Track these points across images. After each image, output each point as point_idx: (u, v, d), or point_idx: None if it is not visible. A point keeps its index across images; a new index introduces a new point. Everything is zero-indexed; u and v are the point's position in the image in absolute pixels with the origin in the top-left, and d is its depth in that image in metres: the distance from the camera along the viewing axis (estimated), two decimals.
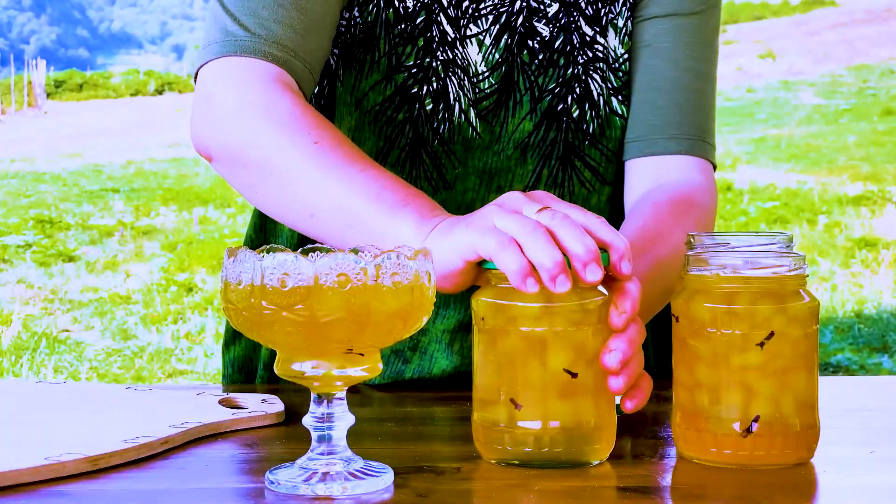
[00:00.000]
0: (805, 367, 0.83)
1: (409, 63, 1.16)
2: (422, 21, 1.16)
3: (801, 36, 22.04)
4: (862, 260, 7.01)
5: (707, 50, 1.24)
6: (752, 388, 0.82)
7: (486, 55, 1.18)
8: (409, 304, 0.77)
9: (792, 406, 0.83)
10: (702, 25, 1.24)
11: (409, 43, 1.16)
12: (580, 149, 1.21)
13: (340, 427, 0.80)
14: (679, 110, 1.21)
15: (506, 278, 0.82)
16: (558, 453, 0.82)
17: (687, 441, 0.85)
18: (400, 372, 1.22)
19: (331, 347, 0.77)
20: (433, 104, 1.16)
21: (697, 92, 1.23)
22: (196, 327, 5.88)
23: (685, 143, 1.21)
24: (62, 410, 1.00)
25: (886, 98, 14.72)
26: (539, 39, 1.19)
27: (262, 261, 0.75)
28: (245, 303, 0.76)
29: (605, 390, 0.84)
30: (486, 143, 1.18)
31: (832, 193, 9.28)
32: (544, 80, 1.19)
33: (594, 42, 1.21)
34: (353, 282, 0.74)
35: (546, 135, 1.20)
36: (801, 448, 0.84)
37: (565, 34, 1.20)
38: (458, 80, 1.17)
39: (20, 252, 7.95)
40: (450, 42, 1.17)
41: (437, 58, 1.16)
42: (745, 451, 0.83)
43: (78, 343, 5.63)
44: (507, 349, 0.83)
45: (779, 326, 0.82)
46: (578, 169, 1.22)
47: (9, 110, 23.26)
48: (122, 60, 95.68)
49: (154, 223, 9.34)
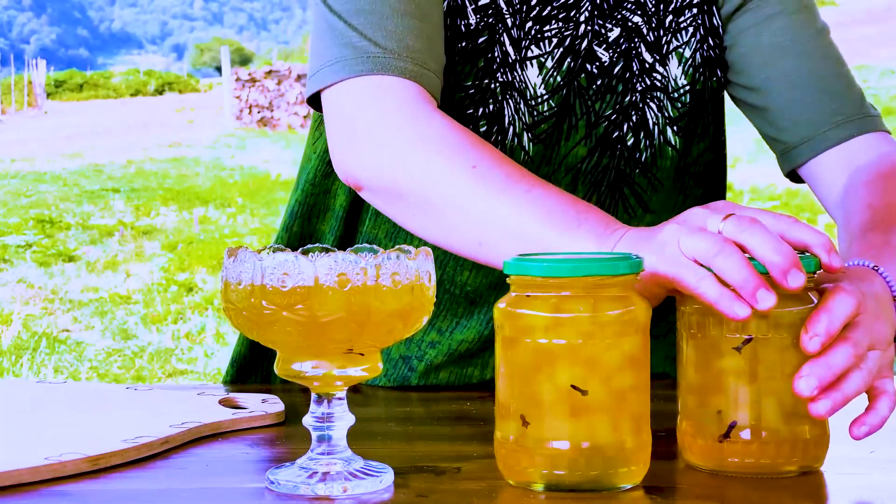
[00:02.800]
0: (795, 374, 0.78)
1: (468, 83, 1.12)
2: (484, 41, 1.12)
3: None
4: None
5: (827, 37, 1.22)
6: (731, 394, 0.80)
7: (547, 78, 1.14)
8: (409, 303, 0.77)
9: (776, 414, 0.80)
10: (812, 18, 1.22)
11: (469, 62, 1.12)
12: (630, 177, 1.18)
13: (340, 427, 0.80)
14: (834, 97, 1.19)
15: (525, 283, 0.78)
16: (574, 476, 0.77)
17: (683, 446, 0.85)
18: (406, 378, 1.21)
19: (331, 347, 0.77)
20: (487, 126, 1.13)
21: (840, 76, 1.21)
22: (196, 327, 5.87)
23: (854, 125, 1.18)
24: (62, 410, 1.00)
25: (886, 98, 14.71)
26: (598, 65, 1.16)
27: (262, 261, 0.75)
28: (245, 303, 0.76)
29: (629, 410, 0.77)
30: (537, 168, 1.15)
31: None
32: (601, 106, 1.16)
33: (653, 70, 1.18)
34: (353, 282, 0.74)
35: (599, 161, 1.17)
36: (785, 457, 0.81)
37: (625, 60, 1.17)
38: (514, 102, 1.13)
39: (20, 252, 7.94)
40: (510, 64, 1.13)
41: (497, 80, 1.12)
42: (722, 457, 0.81)
43: (78, 343, 5.63)
44: (519, 361, 0.78)
45: (759, 331, 0.79)
46: (626, 196, 1.19)
47: (9, 110, 23.25)
48: (122, 60, 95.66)
49: (154, 223, 9.34)
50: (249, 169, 12.77)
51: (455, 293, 1.19)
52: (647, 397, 0.79)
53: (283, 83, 17.15)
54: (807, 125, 1.19)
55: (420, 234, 1.03)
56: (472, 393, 1.16)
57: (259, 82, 17.32)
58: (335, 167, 1.07)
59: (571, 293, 0.76)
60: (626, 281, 0.78)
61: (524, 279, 0.78)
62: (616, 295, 0.77)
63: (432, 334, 1.20)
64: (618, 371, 0.77)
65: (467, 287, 1.18)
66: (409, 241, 1.16)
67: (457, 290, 1.18)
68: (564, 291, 0.76)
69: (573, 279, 0.76)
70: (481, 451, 0.89)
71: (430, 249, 0.80)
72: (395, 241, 1.18)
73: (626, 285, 0.78)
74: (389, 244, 1.18)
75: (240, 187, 11.28)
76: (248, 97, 17.38)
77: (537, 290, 0.77)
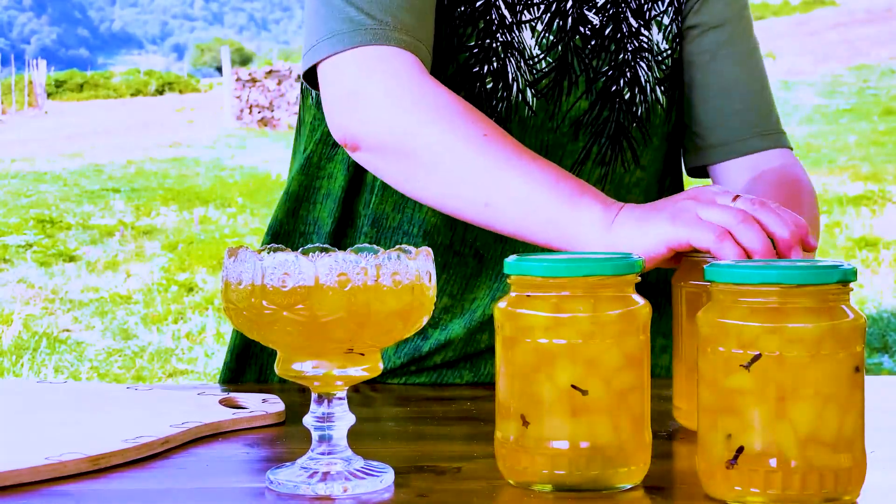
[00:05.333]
0: (816, 395, 0.73)
1: (471, 44, 1.18)
2: (481, 4, 1.19)
3: (801, 36, 22.03)
4: (862, 260, 7.00)
5: (757, 47, 1.33)
6: (740, 415, 0.74)
7: (540, 39, 1.21)
8: (410, 303, 0.77)
9: (791, 440, 0.73)
10: (748, 25, 1.32)
11: (470, 24, 1.18)
12: (628, 130, 1.25)
13: (341, 427, 0.80)
14: (758, 110, 1.30)
15: (524, 283, 0.78)
16: (574, 476, 0.76)
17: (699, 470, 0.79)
18: (418, 348, 1.23)
19: (331, 347, 0.77)
20: (493, 83, 1.19)
21: (765, 89, 1.32)
22: (196, 327, 5.87)
23: (771, 139, 1.29)
24: (62, 410, 1.00)
25: (887, 98, 14.71)
26: (590, 27, 1.23)
27: (262, 261, 0.75)
28: (245, 302, 0.76)
29: (629, 410, 0.77)
30: (541, 122, 1.21)
31: (832, 193, 9.28)
32: (598, 63, 1.23)
33: (639, 33, 1.26)
34: (353, 281, 0.74)
35: (600, 113, 1.23)
36: (797, 489, 0.74)
37: (614, 23, 1.24)
38: (515, 61, 1.19)
39: (21, 252, 7.94)
40: (507, 25, 1.20)
41: (497, 39, 1.19)
42: (728, 484, 0.75)
43: (78, 343, 5.63)
44: (519, 361, 0.78)
45: (768, 348, 0.73)
46: (623, 149, 1.25)
47: (9, 110, 23.26)
48: (122, 60, 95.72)
49: (154, 223, 9.33)
50: (250, 169, 12.76)
51: (465, 252, 1.22)
52: (647, 397, 0.79)
53: (284, 83, 17.14)
54: (731, 130, 1.29)
55: (419, 195, 1.08)
56: (472, 392, 1.16)
57: (259, 82, 17.32)
58: (332, 130, 1.11)
59: (571, 293, 0.77)
60: (626, 280, 0.78)
61: (524, 279, 0.78)
62: (616, 295, 0.77)
63: (444, 299, 1.23)
64: (618, 371, 0.77)
65: (477, 242, 1.22)
66: (418, 212, 1.20)
67: (466, 249, 1.22)
68: (564, 291, 0.77)
69: (573, 279, 0.76)
70: (481, 451, 0.89)
71: (431, 249, 0.80)
72: (403, 212, 1.22)
73: (626, 285, 0.78)
74: (398, 216, 1.22)
75: (240, 187, 11.27)
76: (249, 97, 17.38)
77: (537, 290, 0.77)
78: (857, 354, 0.75)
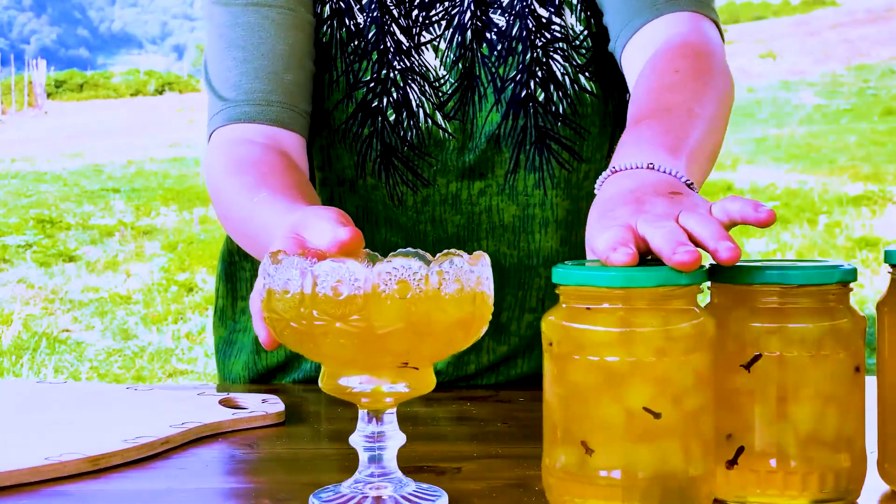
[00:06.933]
0: (816, 395, 0.72)
1: (367, 78, 1.19)
2: (373, 35, 1.19)
3: (801, 36, 22.03)
4: (862, 260, 7.00)
5: None
6: (740, 415, 0.73)
7: (443, 59, 1.19)
8: (472, 313, 0.71)
9: (791, 440, 0.72)
10: None
11: (364, 59, 1.19)
12: (553, 131, 1.21)
13: (392, 447, 0.75)
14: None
15: (582, 295, 0.70)
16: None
17: None
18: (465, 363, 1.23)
19: (385, 361, 0.71)
20: (395, 114, 1.19)
21: None
22: (196, 327, 5.87)
23: (663, 6, 1.12)
24: (62, 410, 1.00)
25: (887, 98, 14.71)
26: (496, 30, 1.20)
27: (313, 267, 0.68)
28: (293, 313, 0.69)
29: (698, 434, 0.70)
30: (461, 143, 1.20)
31: (833, 193, 9.28)
32: (505, 70, 1.20)
33: (550, 23, 1.21)
34: (413, 290, 0.68)
35: (515, 123, 1.20)
36: (797, 489, 0.73)
37: (521, 20, 1.20)
38: (418, 86, 1.19)
39: (21, 252, 7.95)
40: (405, 51, 1.19)
41: (395, 68, 1.19)
42: (729, 485, 0.74)
43: (78, 343, 5.63)
44: (577, 381, 0.70)
45: (770, 348, 0.72)
46: (555, 151, 1.22)
47: (9, 110, 23.26)
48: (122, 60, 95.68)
49: (154, 223, 9.34)
50: None
51: None
52: (714, 420, 0.72)
53: None
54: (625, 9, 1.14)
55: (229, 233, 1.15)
56: (472, 392, 1.16)
57: None
58: None
59: (638, 305, 0.69)
60: (691, 291, 0.71)
61: (582, 290, 0.70)
62: (684, 307, 0.70)
63: None
64: (689, 391, 0.69)
65: None
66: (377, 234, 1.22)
67: None
68: (631, 304, 0.69)
69: (640, 289, 0.69)
70: (481, 451, 0.89)
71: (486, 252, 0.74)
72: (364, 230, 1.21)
73: (692, 296, 0.71)
74: None
75: None
76: None
77: (599, 302, 0.69)
78: (857, 355, 0.75)
